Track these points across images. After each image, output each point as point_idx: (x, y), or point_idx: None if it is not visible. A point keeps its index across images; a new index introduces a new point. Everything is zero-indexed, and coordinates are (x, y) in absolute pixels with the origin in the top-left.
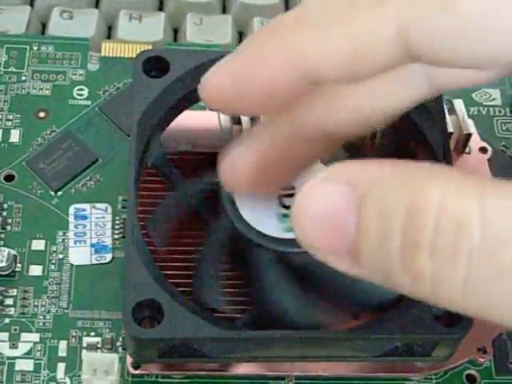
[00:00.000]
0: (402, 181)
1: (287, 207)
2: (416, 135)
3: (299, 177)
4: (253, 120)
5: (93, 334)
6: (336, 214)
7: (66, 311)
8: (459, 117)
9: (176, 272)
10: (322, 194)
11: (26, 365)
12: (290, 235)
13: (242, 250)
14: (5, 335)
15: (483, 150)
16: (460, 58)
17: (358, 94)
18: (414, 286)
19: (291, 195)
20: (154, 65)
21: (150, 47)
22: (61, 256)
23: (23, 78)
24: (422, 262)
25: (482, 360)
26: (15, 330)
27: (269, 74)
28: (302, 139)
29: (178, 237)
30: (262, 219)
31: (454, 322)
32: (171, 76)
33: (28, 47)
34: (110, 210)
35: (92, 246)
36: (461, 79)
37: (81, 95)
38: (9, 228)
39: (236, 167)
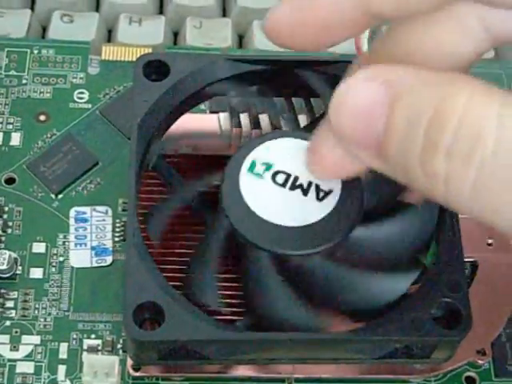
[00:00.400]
0: (432, 85)
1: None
2: None
3: None
4: (253, 123)
5: (93, 336)
6: (370, 109)
7: (66, 313)
8: None
9: (175, 274)
10: (359, 90)
11: (27, 367)
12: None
13: (240, 251)
14: (6, 338)
15: None
16: None
17: (419, 39)
18: (428, 183)
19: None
20: (155, 68)
21: (150, 51)
22: (61, 259)
23: (24, 82)
24: (437, 163)
25: (481, 362)
26: (16, 332)
27: (327, 4)
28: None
29: (176, 238)
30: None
31: (453, 324)
32: (171, 79)
33: (29, 51)
34: (110, 212)
35: (92, 248)
36: None
37: (81, 98)
38: (9, 231)
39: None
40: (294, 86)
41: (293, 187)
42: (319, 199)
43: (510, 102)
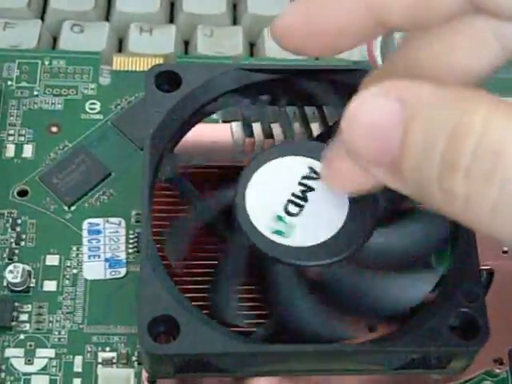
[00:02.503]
0: (449, 102)
1: (289, 213)
2: None
3: None
4: (265, 132)
5: (108, 349)
6: (385, 127)
7: (80, 326)
8: None
9: (192, 286)
10: (373, 107)
11: (42, 381)
12: (276, 238)
13: (259, 265)
14: (20, 351)
15: None
16: None
17: (434, 52)
18: (446, 203)
19: (298, 205)
20: (166, 79)
21: (162, 60)
22: (75, 271)
23: (35, 93)
24: (456, 183)
25: (498, 371)
26: (30, 345)
27: (339, 12)
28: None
29: (193, 252)
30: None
31: (471, 335)
32: (183, 90)
33: (40, 62)
34: (123, 224)
35: (106, 260)
36: None
37: (93, 109)
38: (23, 244)
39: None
40: (305, 94)
41: (301, 204)
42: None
43: None
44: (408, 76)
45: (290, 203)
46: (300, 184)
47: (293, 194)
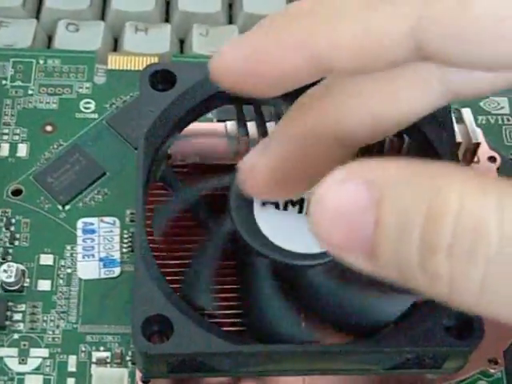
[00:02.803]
0: (420, 180)
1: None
2: (424, 145)
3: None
4: (260, 130)
5: (102, 348)
6: (354, 212)
7: (74, 326)
8: (467, 126)
9: (175, 277)
10: (339, 192)
11: (36, 380)
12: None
13: (241, 257)
14: (14, 351)
15: (492, 159)
16: (471, 59)
17: (371, 95)
18: (430, 286)
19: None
20: (161, 78)
21: (157, 59)
22: (69, 270)
23: (30, 92)
24: (439, 264)
25: (493, 371)
26: (24, 345)
27: (281, 56)
28: (316, 143)
29: (176, 241)
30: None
31: (465, 334)
32: (178, 89)
33: (34, 61)
34: (118, 223)
35: (100, 260)
36: (476, 84)
37: (88, 108)
38: (17, 243)
39: (254, 171)
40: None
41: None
42: None
43: (507, 190)
44: (341, 114)
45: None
46: None
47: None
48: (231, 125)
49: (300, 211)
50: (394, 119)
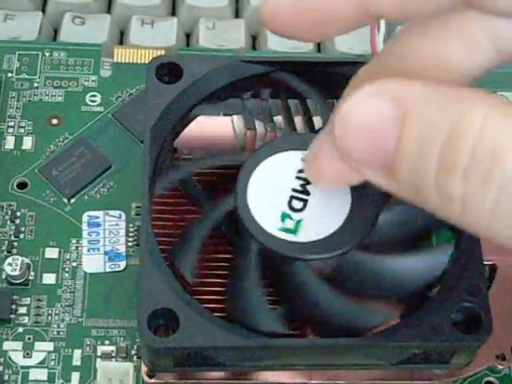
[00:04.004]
0: (446, 102)
1: (293, 209)
2: None
3: None
4: (266, 127)
5: (107, 342)
6: (378, 127)
7: (80, 320)
8: None
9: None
10: (367, 107)
11: (41, 374)
12: (285, 236)
13: (273, 266)
14: (19, 344)
15: None
16: None
17: (425, 50)
18: (443, 206)
19: (301, 199)
20: (168, 71)
21: (163, 52)
22: (74, 264)
23: (35, 85)
24: (454, 185)
25: (500, 367)
26: (29, 339)
27: (328, 1)
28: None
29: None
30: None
31: (473, 329)
32: (184, 82)
33: (40, 53)
34: (123, 217)
35: (106, 253)
36: None
37: (93, 101)
38: (22, 236)
39: (319, 157)
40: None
41: (304, 199)
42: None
43: None
44: (398, 73)
45: (293, 199)
46: (298, 178)
47: (293, 190)
48: (238, 118)
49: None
50: (449, 79)
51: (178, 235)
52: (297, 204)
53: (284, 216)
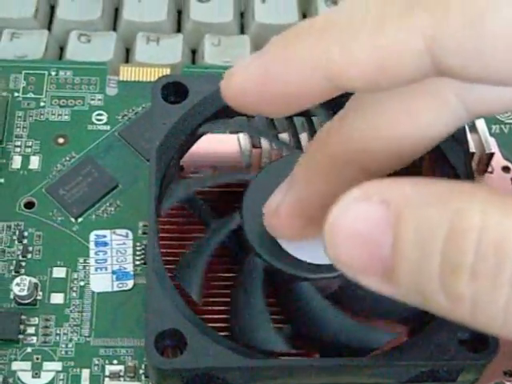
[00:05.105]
0: (439, 200)
1: None
2: (438, 156)
3: None
4: (272, 143)
5: (115, 361)
6: (370, 232)
7: (88, 339)
8: (481, 135)
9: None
10: (355, 212)
11: None
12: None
13: (277, 283)
14: (27, 364)
15: (506, 169)
16: (488, 73)
17: (392, 115)
18: (452, 308)
19: None
20: (173, 90)
21: (169, 70)
22: (82, 283)
23: (42, 104)
24: (462, 286)
25: (508, 383)
26: (37, 359)
27: (293, 77)
28: (341, 175)
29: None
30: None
31: (480, 348)
32: (190, 101)
33: (46, 72)
34: (130, 235)
35: (113, 272)
36: (494, 102)
37: (100, 120)
38: (29, 256)
39: (279, 210)
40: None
41: None
42: None
43: None
44: (365, 139)
45: None
46: None
47: None
48: (243, 136)
49: None
50: (417, 141)
51: (185, 254)
52: None
53: None
